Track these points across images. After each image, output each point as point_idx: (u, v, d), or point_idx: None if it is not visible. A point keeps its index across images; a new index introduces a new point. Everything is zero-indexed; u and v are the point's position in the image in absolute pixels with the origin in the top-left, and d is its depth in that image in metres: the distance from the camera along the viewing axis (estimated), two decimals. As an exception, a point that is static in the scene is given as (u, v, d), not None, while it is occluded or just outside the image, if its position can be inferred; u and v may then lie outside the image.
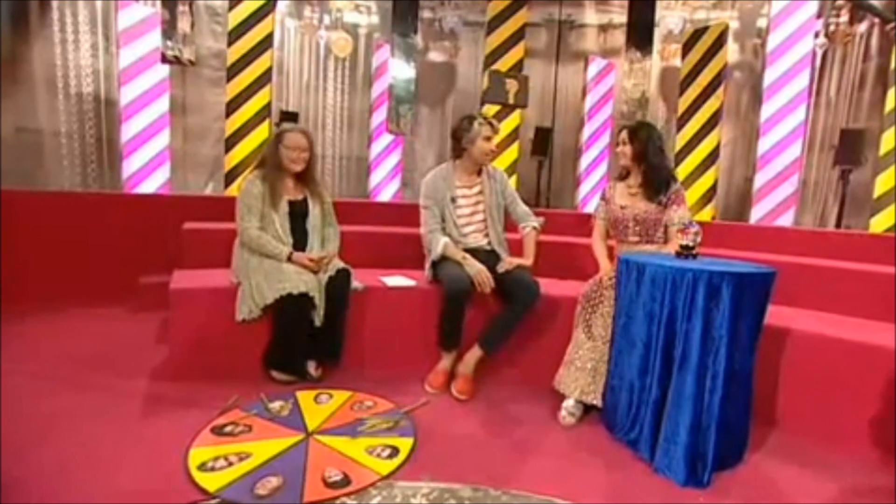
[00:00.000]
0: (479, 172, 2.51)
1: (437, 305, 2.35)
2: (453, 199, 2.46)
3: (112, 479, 1.50)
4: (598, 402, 2.02)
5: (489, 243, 2.49)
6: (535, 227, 2.50)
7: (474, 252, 2.41)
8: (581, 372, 2.06)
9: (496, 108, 5.04)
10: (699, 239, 1.89)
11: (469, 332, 2.33)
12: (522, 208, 2.57)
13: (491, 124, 2.44)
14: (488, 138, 2.42)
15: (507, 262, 2.37)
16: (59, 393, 2.05)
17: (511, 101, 4.48)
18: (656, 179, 2.20)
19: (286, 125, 2.50)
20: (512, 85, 4.41)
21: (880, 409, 1.83)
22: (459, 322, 2.31)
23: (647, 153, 2.21)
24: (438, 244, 2.39)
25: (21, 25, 3.69)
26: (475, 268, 2.29)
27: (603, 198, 2.41)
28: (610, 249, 2.39)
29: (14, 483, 1.44)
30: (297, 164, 2.34)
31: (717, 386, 1.66)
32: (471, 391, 2.23)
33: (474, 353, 2.30)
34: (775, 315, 1.93)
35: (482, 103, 5.14)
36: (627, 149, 2.24)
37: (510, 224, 2.59)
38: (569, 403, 2.05)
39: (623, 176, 2.35)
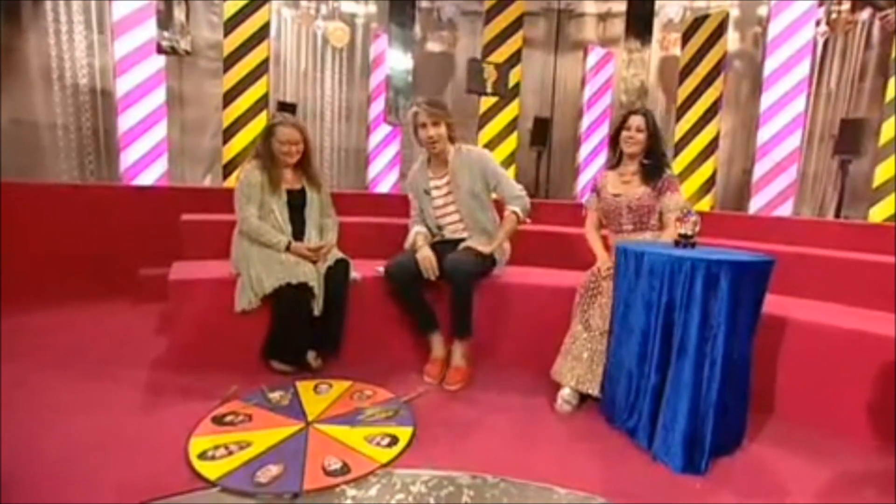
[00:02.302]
0: (448, 162, 2.38)
1: (435, 295, 2.36)
2: (427, 192, 2.44)
3: (113, 469, 1.50)
4: (594, 391, 2.03)
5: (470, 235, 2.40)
6: (515, 212, 2.36)
7: (451, 243, 2.37)
8: (577, 361, 2.07)
9: (494, 98, 5.02)
10: (698, 228, 1.89)
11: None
12: (509, 190, 2.38)
13: (426, 110, 2.26)
14: (423, 126, 2.28)
15: (462, 246, 2.31)
16: (60, 384, 2.05)
17: (489, 90, 4.42)
18: (656, 166, 2.19)
19: (277, 118, 2.46)
20: (490, 73, 4.34)
21: (877, 396, 1.84)
22: (415, 304, 2.32)
23: (659, 141, 2.21)
24: (410, 234, 2.41)
25: (14, 16, 3.65)
26: (422, 254, 2.28)
27: (594, 189, 2.39)
28: (604, 239, 2.38)
29: (16, 474, 1.45)
30: (290, 158, 2.33)
31: (715, 374, 1.67)
32: (461, 381, 2.24)
33: (457, 346, 2.30)
34: (774, 304, 1.94)
35: (481, 95, 5.12)
36: (642, 136, 2.18)
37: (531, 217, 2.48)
38: (565, 392, 2.06)
39: (614, 164, 2.32)
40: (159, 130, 4.15)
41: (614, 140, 2.28)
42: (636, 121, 2.19)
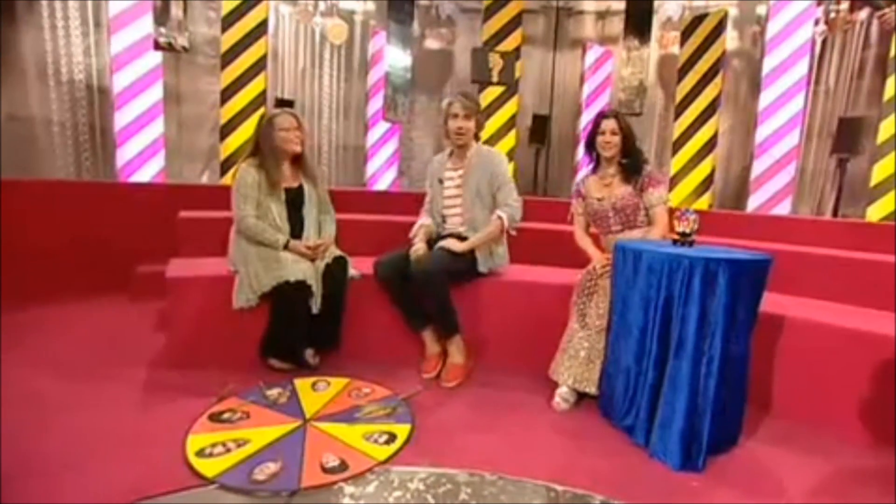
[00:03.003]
0: (467, 155, 2.42)
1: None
2: (441, 181, 2.47)
3: (111, 467, 1.50)
4: (591, 390, 2.04)
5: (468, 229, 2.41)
6: (500, 217, 2.32)
7: (451, 237, 2.38)
8: (574, 360, 2.07)
9: (500, 90, 5.00)
10: (697, 226, 1.89)
11: (468, 324, 2.34)
12: (505, 196, 2.35)
13: (460, 102, 2.33)
14: (455, 116, 2.33)
15: (437, 245, 2.32)
16: (56, 382, 2.05)
17: (495, 79, 4.28)
18: (635, 164, 2.21)
19: (273, 111, 2.44)
20: (496, 62, 4.20)
21: (873, 395, 1.85)
22: (403, 301, 2.33)
23: (633, 139, 2.22)
24: (416, 225, 2.45)
25: (8, 11, 3.63)
26: (414, 248, 2.33)
27: (578, 195, 2.40)
28: (595, 238, 2.38)
29: (14, 471, 1.44)
30: (295, 145, 2.32)
31: (712, 371, 1.68)
32: (456, 378, 2.25)
33: (450, 343, 2.31)
34: (771, 302, 1.95)
35: (479, 91, 5.11)
36: (617, 139, 2.20)
37: (525, 215, 2.45)
38: (562, 390, 2.07)
39: (594, 168, 2.33)
40: (156, 127, 4.13)
41: (590, 145, 2.28)
42: (609, 124, 2.21)
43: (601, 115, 2.27)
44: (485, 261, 2.38)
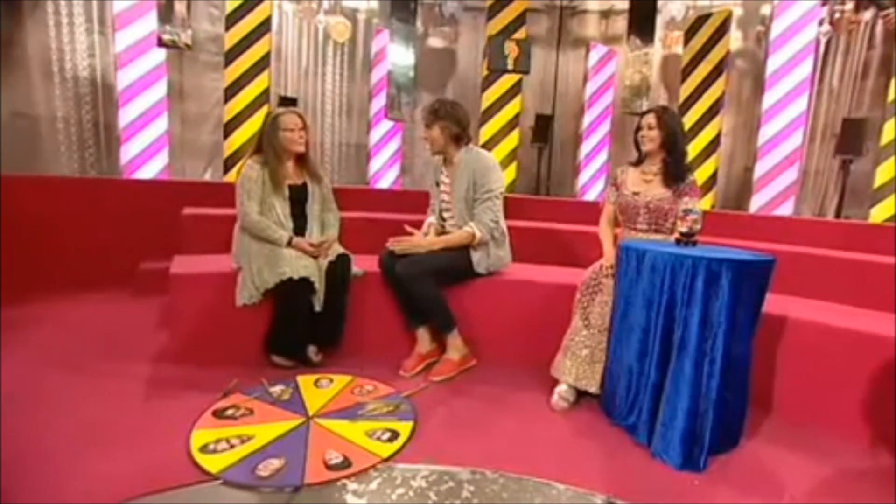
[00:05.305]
0: (454, 161, 2.41)
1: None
2: (438, 185, 2.51)
3: (114, 462, 1.51)
4: (592, 388, 2.04)
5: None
6: (473, 233, 2.29)
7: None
8: (576, 358, 2.07)
9: (501, 89, 4.98)
10: (698, 226, 1.89)
11: (471, 322, 2.36)
12: (483, 213, 2.29)
13: (422, 114, 2.46)
14: (426, 127, 2.45)
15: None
16: (60, 378, 2.06)
17: (511, 66, 4.28)
18: (678, 167, 2.16)
19: (278, 109, 2.45)
20: (512, 50, 4.19)
21: (875, 396, 1.85)
22: (400, 296, 2.36)
23: (677, 140, 2.17)
24: (425, 224, 2.51)
25: (14, 8, 3.63)
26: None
27: (613, 183, 2.34)
28: (616, 238, 2.37)
29: (16, 466, 1.46)
30: (299, 145, 2.32)
31: (714, 371, 1.68)
32: (444, 373, 2.28)
33: (447, 340, 2.34)
34: (774, 303, 1.95)
35: (482, 90, 5.12)
36: (655, 133, 2.15)
37: (527, 214, 2.53)
38: (561, 388, 2.07)
39: (637, 162, 2.28)
40: (160, 124, 4.14)
41: (636, 139, 2.26)
42: (648, 119, 2.17)
43: (648, 110, 2.26)
44: (480, 262, 2.38)
